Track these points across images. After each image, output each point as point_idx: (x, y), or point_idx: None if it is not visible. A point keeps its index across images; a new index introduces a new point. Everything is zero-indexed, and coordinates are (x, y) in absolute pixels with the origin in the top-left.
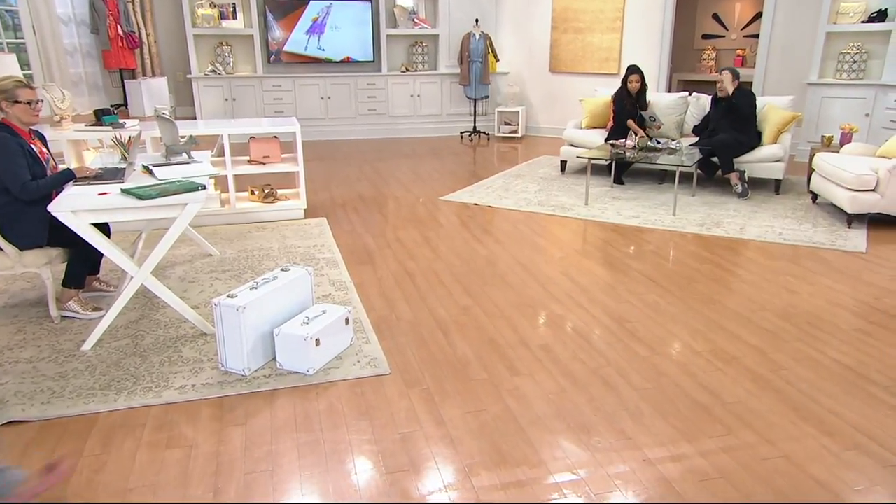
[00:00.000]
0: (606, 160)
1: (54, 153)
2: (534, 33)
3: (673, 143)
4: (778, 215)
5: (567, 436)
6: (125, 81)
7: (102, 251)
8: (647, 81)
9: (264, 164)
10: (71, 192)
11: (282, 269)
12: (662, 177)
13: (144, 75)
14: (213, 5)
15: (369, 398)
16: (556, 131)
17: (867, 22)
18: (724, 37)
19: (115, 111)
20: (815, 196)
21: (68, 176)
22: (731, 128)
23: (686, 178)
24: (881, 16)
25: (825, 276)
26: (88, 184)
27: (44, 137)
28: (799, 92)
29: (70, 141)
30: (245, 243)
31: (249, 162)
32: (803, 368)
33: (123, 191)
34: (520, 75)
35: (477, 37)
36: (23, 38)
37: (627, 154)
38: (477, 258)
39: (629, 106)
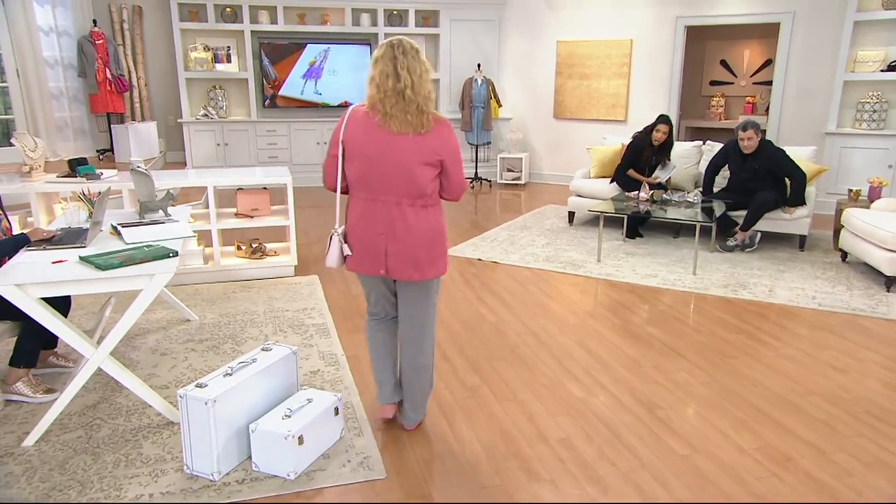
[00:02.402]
0: (621, 214)
1: (22, 206)
2: (537, 79)
3: (690, 195)
4: (807, 276)
5: None
6: (112, 126)
7: (53, 331)
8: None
9: (252, 217)
10: (21, 259)
11: (262, 349)
12: (678, 230)
13: (134, 119)
14: (206, 48)
15: None
16: (561, 179)
17: (886, 71)
18: (732, 83)
19: (101, 156)
20: (844, 254)
21: (21, 241)
22: (772, 186)
23: (704, 232)
24: None
25: (873, 351)
26: (44, 248)
27: None
28: (816, 141)
29: (39, 194)
30: (228, 306)
31: (237, 215)
32: (874, 474)
33: (82, 258)
34: (523, 121)
35: (479, 82)
36: (6, 83)
37: (642, 208)
38: (483, 324)
39: (648, 155)
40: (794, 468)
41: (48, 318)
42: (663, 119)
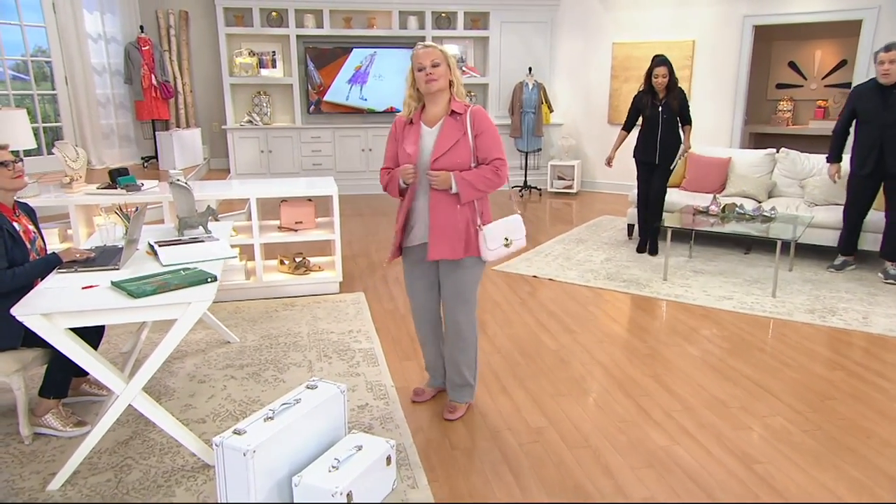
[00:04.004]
0: (688, 229)
1: (62, 216)
2: (591, 82)
3: (768, 208)
4: None
5: None
6: (157, 133)
7: (81, 365)
8: (719, 134)
9: (296, 230)
10: (50, 284)
11: (307, 386)
12: (749, 245)
13: (178, 126)
14: (251, 53)
15: None
16: (616, 188)
17: None
18: (801, 86)
19: (146, 164)
20: None
21: (53, 262)
22: None
23: (782, 248)
24: None
25: None
26: (76, 270)
27: (33, 212)
28: None
29: (78, 206)
30: (270, 326)
31: (280, 228)
32: None
33: (114, 284)
34: (575, 127)
35: (530, 86)
36: (55, 90)
37: (712, 222)
38: (544, 352)
39: (651, 104)
40: None
41: (76, 351)
42: (658, 60)
